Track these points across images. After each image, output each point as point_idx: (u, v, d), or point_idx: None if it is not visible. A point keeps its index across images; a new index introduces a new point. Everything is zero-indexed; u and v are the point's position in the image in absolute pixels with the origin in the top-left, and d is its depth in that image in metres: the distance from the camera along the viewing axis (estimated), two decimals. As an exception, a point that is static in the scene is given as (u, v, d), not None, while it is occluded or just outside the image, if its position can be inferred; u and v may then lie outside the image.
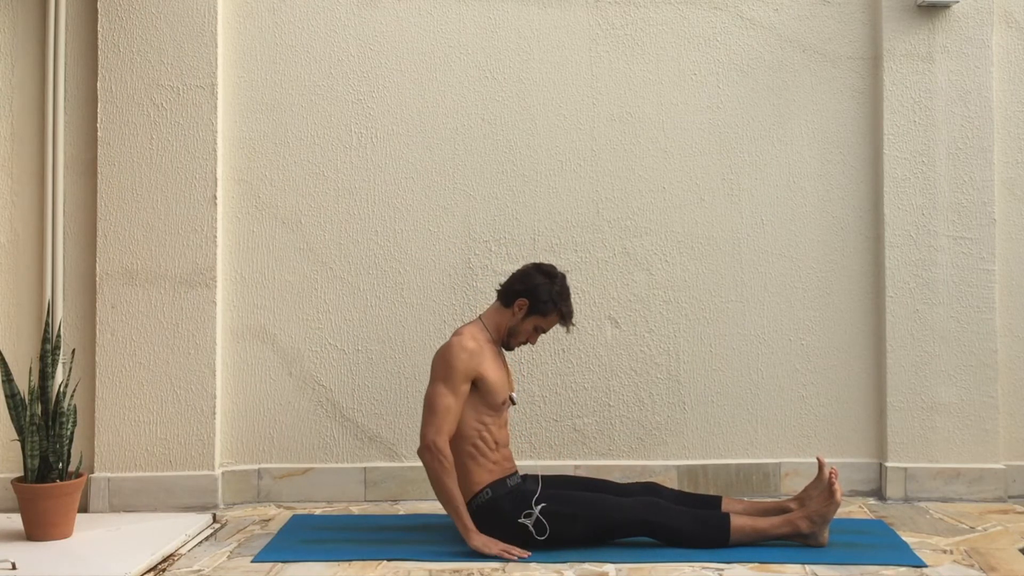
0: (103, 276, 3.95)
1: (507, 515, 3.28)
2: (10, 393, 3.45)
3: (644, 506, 3.29)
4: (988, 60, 4.03)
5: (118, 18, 3.97)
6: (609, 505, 3.30)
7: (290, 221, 4.08)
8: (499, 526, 3.28)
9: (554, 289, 3.40)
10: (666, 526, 3.26)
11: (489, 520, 3.29)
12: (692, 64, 4.12)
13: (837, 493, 3.25)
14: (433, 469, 3.26)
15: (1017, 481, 4.02)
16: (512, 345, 3.48)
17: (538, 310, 3.40)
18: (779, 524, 3.29)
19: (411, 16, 4.11)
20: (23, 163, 3.97)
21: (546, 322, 3.44)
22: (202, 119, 3.98)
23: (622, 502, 3.31)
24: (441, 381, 3.28)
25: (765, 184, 4.12)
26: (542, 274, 3.43)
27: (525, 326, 3.43)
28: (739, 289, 4.11)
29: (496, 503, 3.30)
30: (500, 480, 3.34)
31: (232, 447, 4.04)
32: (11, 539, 3.44)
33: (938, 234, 4.02)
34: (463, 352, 3.29)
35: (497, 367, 3.39)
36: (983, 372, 4.00)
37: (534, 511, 3.26)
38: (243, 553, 3.36)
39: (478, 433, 3.32)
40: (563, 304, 3.42)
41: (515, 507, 3.28)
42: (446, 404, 3.26)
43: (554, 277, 3.43)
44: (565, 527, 3.27)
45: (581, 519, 3.27)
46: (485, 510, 3.30)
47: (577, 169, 4.11)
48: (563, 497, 3.31)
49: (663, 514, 3.28)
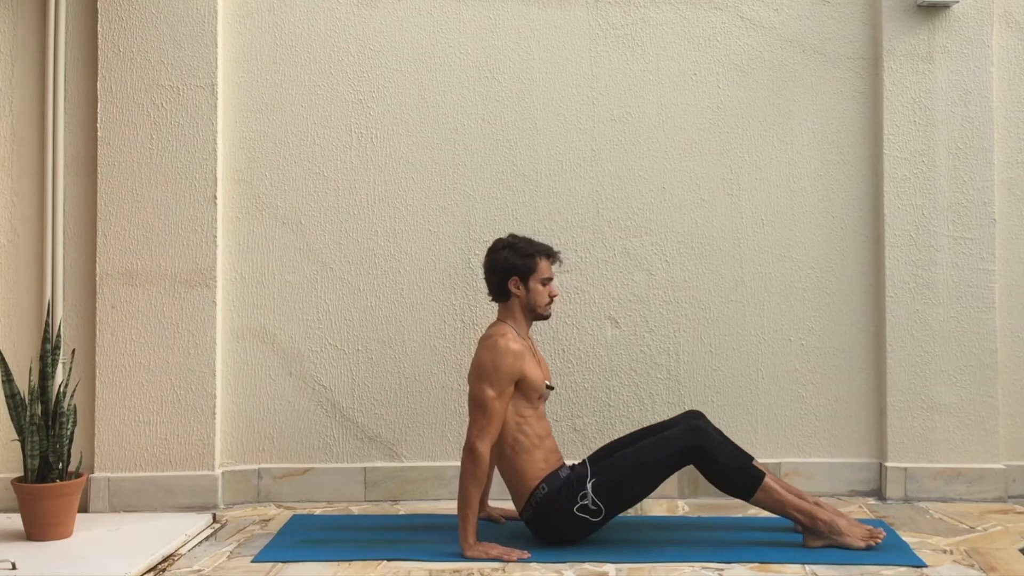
0: (103, 276, 3.95)
1: (563, 507, 3.27)
2: (10, 393, 3.45)
3: (691, 432, 3.28)
4: (988, 60, 4.03)
5: (118, 18, 3.98)
6: (652, 448, 3.29)
7: (290, 221, 4.08)
8: (559, 520, 3.29)
9: (520, 248, 3.42)
10: (710, 455, 3.25)
11: (548, 516, 3.29)
12: (692, 64, 4.13)
13: (862, 545, 3.24)
14: (465, 470, 3.27)
15: (1017, 481, 4.02)
16: (546, 313, 3.46)
17: (528, 271, 3.40)
18: (800, 508, 3.27)
19: (411, 16, 4.11)
20: (23, 163, 3.97)
21: (542, 272, 3.43)
22: (202, 119, 3.99)
23: (666, 437, 3.30)
24: (488, 383, 3.28)
25: (765, 184, 4.12)
26: (501, 249, 3.43)
27: (534, 293, 3.42)
28: (739, 289, 4.11)
29: (552, 497, 3.29)
30: (553, 473, 3.34)
31: (232, 447, 4.04)
32: (11, 539, 3.44)
33: (938, 234, 4.02)
34: (509, 355, 3.30)
35: (534, 363, 3.39)
36: (983, 372, 4.00)
37: (588, 492, 3.26)
38: (243, 553, 3.36)
39: (518, 427, 3.33)
40: (537, 248, 3.44)
41: (570, 496, 3.28)
42: (494, 407, 3.26)
43: (510, 244, 3.44)
44: (619, 494, 3.27)
45: (630, 479, 3.27)
46: (544, 505, 3.29)
47: (577, 169, 4.12)
48: (606, 466, 3.31)
49: (709, 440, 3.27)
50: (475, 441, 3.26)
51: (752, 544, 3.36)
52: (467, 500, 3.25)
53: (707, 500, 3.98)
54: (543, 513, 3.30)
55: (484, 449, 3.25)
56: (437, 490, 4.04)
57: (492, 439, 3.27)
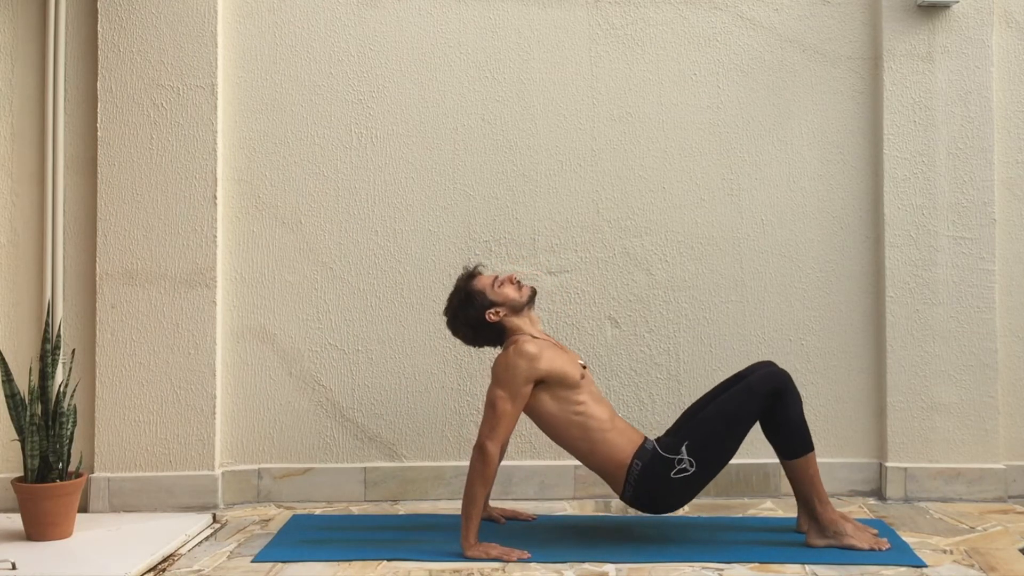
0: (103, 276, 3.95)
1: (663, 475, 3.29)
2: (10, 393, 3.45)
3: (775, 376, 3.31)
4: (988, 60, 4.03)
5: (118, 18, 3.98)
6: (736, 398, 3.32)
7: (290, 221, 4.08)
8: (661, 490, 3.30)
9: (463, 299, 3.43)
10: (786, 402, 3.28)
11: (650, 489, 3.31)
12: (692, 64, 4.13)
13: (865, 546, 3.25)
14: (473, 469, 3.26)
15: (1017, 481, 4.02)
16: (526, 296, 3.45)
17: (485, 300, 3.40)
18: (822, 495, 3.30)
19: (411, 16, 4.11)
20: (23, 163, 3.97)
21: (488, 284, 3.43)
22: (202, 119, 3.99)
23: (749, 384, 3.33)
24: (498, 385, 3.30)
25: (765, 184, 4.12)
26: (458, 316, 3.45)
27: (502, 297, 3.41)
28: (739, 289, 4.11)
29: (648, 470, 3.31)
30: (640, 447, 3.36)
31: (232, 447, 4.04)
32: (11, 539, 3.44)
33: (938, 234, 4.02)
34: (522, 358, 3.30)
35: (558, 352, 3.39)
36: (983, 372, 4.00)
37: (684, 456, 3.27)
38: (243, 553, 3.36)
39: (581, 417, 3.34)
40: (465, 285, 3.44)
41: (666, 463, 3.29)
42: (503, 409, 3.27)
43: (454, 307, 3.46)
44: (714, 449, 3.29)
45: (721, 433, 3.29)
46: (644, 480, 3.30)
47: (577, 169, 4.12)
48: (694, 427, 3.34)
49: (790, 386, 3.31)
50: (484, 440, 3.26)
51: (752, 544, 3.36)
52: (472, 499, 3.25)
53: (707, 500, 3.98)
54: (645, 488, 3.31)
55: (493, 449, 3.25)
56: (437, 490, 4.04)
57: (502, 440, 3.28)
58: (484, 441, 3.26)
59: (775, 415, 3.29)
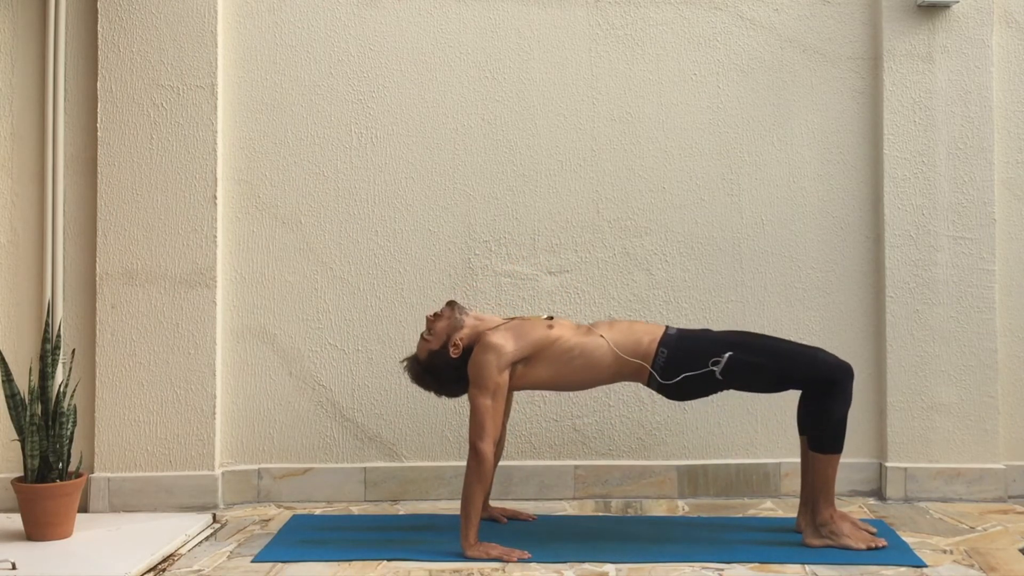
0: (103, 276, 3.95)
1: (695, 356, 3.32)
2: (10, 393, 3.45)
3: (842, 369, 3.32)
4: (988, 60, 4.03)
5: (118, 18, 3.98)
6: (799, 357, 3.35)
7: (290, 221, 4.08)
8: (689, 365, 3.32)
9: (430, 369, 3.48)
10: (834, 398, 3.30)
11: (680, 364, 3.32)
12: (692, 64, 4.13)
13: (862, 546, 3.26)
14: (469, 469, 3.28)
15: (1017, 481, 4.02)
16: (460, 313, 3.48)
17: (444, 349, 3.44)
18: (830, 497, 3.33)
19: (411, 16, 4.11)
20: (23, 163, 3.97)
21: (426, 332, 3.48)
22: (202, 119, 3.99)
23: (815, 354, 3.35)
24: (474, 386, 3.33)
25: (765, 184, 4.12)
26: (440, 381, 3.50)
27: (449, 329, 3.44)
28: (739, 289, 4.11)
29: (677, 353, 3.33)
30: (663, 338, 3.37)
31: (232, 447, 4.04)
32: (11, 539, 3.44)
33: (938, 234, 4.02)
34: (488, 353, 3.32)
35: (520, 332, 3.40)
36: (983, 372, 4.00)
37: (723, 358, 3.30)
38: (243, 553, 3.36)
39: (576, 354, 3.37)
40: (428, 361, 3.48)
41: (700, 350, 3.33)
42: (484, 405, 3.28)
43: (434, 382, 3.51)
44: (746, 376, 3.33)
45: (766, 370, 3.32)
46: (673, 362, 3.33)
47: (577, 169, 4.12)
48: (749, 345, 3.35)
49: (847, 389, 3.32)
50: (475, 440, 3.27)
51: (752, 544, 3.36)
52: (470, 499, 3.25)
53: (707, 500, 3.99)
54: (672, 367, 3.32)
55: (484, 448, 3.26)
56: (437, 490, 4.04)
57: (492, 437, 3.29)
58: (475, 441, 3.27)
59: (821, 402, 3.30)
